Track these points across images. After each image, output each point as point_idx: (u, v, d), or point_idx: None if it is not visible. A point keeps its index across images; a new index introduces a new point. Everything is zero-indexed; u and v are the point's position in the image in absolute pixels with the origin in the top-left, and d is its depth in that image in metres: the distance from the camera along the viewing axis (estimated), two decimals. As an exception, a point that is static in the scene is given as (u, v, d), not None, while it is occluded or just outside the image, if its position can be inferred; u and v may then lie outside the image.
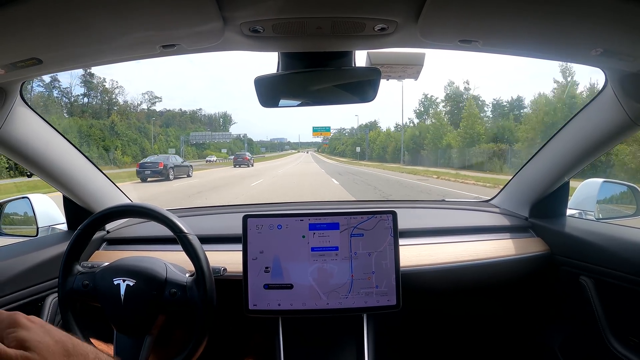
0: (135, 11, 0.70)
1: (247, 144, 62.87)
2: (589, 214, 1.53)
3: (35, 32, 0.74)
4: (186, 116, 58.06)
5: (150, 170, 17.15)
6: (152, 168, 17.28)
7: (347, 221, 1.22)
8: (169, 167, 17.62)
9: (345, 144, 65.24)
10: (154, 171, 17.10)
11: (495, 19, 0.77)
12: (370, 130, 48.70)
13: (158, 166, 17.30)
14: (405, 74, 1.14)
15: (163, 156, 21.41)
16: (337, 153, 70.14)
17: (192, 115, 59.72)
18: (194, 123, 58.77)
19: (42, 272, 1.26)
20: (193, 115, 60.06)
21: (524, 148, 20.67)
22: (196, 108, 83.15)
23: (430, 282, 1.37)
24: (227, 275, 1.13)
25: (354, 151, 49.87)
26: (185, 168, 19.61)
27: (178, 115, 56.30)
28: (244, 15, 0.76)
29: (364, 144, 48.08)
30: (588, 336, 1.33)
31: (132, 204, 1.38)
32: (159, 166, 17.29)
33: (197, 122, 60.19)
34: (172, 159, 19.30)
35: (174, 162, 18.74)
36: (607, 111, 1.13)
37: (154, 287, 0.99)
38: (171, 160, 18.79)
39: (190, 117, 58.92)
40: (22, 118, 1.12)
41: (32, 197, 1.51)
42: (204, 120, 64.07)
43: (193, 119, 59.32)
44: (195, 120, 59.90)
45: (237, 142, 59.87)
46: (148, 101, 46.25)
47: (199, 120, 61.74)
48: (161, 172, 17.08)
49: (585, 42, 0.83)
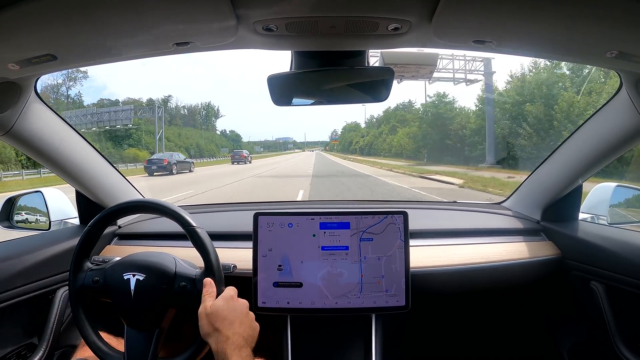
0: (149, 8, 0.71)
1: (233, 140, 56.23)
2: (601, 219, 1.50)
3: (50, 29, 0.75)
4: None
5: (156, 166, 19.98)
6: (158, 164, 20.17)
7: (357, 223, 1.22)
8: (172, 163, 20.54)
9: (372, 136, 48.18)
10: (160, 166, 19.93)
11: (510, 20, 0.76)
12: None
13: (163, 162, 20.27)
14: (418, 75, 1.15)
15: (167, 154, 24.59)
16: (360, 150, 52.00)
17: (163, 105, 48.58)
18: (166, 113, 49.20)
19: (54, 266, 1.28)
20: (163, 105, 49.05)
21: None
22: (165, 95, 65.76)
23: (439, 284, 1.36)
24: (236, 273, 1.13)
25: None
26: (187, 164, 22.79)
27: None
28: (258, 14, 0.76)
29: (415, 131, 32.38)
30: (597, 342, 1.31)
31: (142, 200, 1.39)
32: (164, 162, 20.26)
33: (168, 112, 51.17)
34: (175, 156, 22.99)
35: (177, 159, 22.11)
36: (622, 114, 1.12)
37: (163, 281, 1.00)
38: (174, 158, 22.13)
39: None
40: (36, 113, 1.13)
41: (45, 191, 1.52)
42: (175, 112, 54.49)
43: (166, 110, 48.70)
44: (167, 111, 50.65)
45: (221, 139, 53.12)
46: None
47: (171, 112, 53.15)
48: (165, 167, 19.91)
49: (600, 43, 0.82)
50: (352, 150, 57.70)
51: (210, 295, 0.94)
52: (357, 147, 55.99)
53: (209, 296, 0.94)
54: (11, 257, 1.19)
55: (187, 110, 59.23)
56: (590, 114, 1.24)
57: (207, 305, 0.92)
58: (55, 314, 1.27)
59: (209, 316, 0.90)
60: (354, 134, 62.35)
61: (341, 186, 13.24)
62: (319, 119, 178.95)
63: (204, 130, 55.12)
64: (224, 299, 0.94)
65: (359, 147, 53.91)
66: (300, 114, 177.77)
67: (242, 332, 0.89)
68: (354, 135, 61.79)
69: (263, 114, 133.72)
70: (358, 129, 62.31)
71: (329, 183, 14.42)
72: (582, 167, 1.32)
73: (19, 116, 1.07)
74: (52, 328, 1.25)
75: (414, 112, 38.59)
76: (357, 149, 55.23)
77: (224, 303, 0.93)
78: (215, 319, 0.89)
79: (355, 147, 56.70)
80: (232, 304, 0.93)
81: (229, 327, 0.88)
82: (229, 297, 0.94)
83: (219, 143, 53.46)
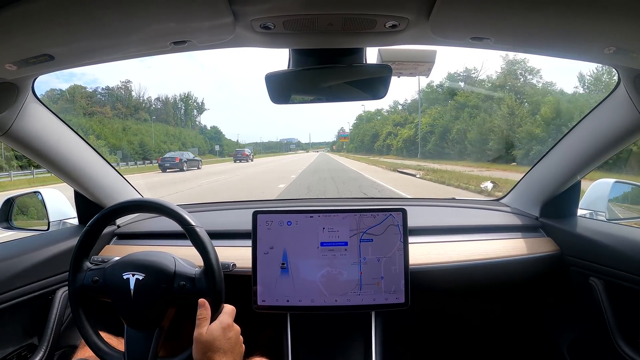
0: (146, 6, 0.71)
1: (212, 139, 48.11)
2: (600, 215, 1.51)
3: (46, 29, 0.74)
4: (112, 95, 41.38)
5: (169, 163, 23.08)
6: (171, 162, 23.33)
7: (357, 223, 1.22)
8: (183, 161, 23.63)
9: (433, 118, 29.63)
10: (172, 164, 23.04)
11: (508, 16, 0.76)
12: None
13: (175, 160, 23.50)
14: (416, 71, 1.14)
15: (179, 153, 27.57)
16: (404, 148, 32.98)
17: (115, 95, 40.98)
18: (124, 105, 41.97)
19: (53, 266, 1.27)
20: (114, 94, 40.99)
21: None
22: (124, 80, 52.85)
23: (439, 281, 1.36)
24: (236, 271, 1.13)
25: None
26: (196, 162, 25.91)
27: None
28: (255, 12, 0.76)
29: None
30: (596, 338, 1.32)
31: (141, 199, 1.39)
32: (176, 160, 23.47)
33: (128, 104, 42.76)
34: (186, 155, 25.99)
35: (187, 157, 25.12)
36: (620, 110, 1.12)
37: (163, 280, 1.00)
38: (185, 156, 25.04)
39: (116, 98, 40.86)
40: (34, 114, 1.13)
41: (43, 191, 1.52)
42: (137, 103, 44.79)
43: (120, 99, 41.17)
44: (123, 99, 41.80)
45: (197, 136, 44.99)
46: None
47: (135, 101, 44.00)
48: (177, 165, 23.05)
49: (598, 40, 0.82)
50: (380, 149, 38.24)
51: (205, 319, 0.93)
52: (392, 142, 35.83)
53: (204, 320, 0.93)
54: (10, 258, 1.19)
55: (162, 103, 50.88)
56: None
57: (202, 332, 0.91)
58: (55, 315, 1.27)
59: (204, 344, 0.90)
60: (377, 123, 42.92)
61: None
62: (324, 120, 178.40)
63: (172, 126, 47.84)
64: (221, 328, 0.93)
65: (399, 141, 34.57)
66: (304, 115, 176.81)
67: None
68: (379, 125, 42.02)
69: (265, 116, 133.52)
70: (375, 119, 44.10)
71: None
72: (581, 163, 1.33)
73: (17, 117, 1.07)
74: (52, 328, 1.25)
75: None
76: (390, 147, 35.97)
77: (221, 333, 0.92)
78: (210, 348, 0.90)
79: (387, 144, 36.78)
80: (228, 334, 0.94)
81: (222, 356, 0.90)
82: (226, 326, 0.94)
83: (188, 141, 46.28)
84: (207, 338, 0.91)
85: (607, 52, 0.85)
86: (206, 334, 0.91)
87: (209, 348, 0.90)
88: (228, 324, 0.95)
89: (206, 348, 0.90)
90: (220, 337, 0.92)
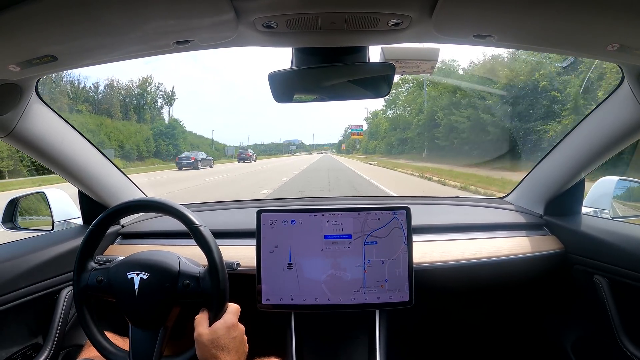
0: (149, 6, 0.71)
1: (166, 135, 36.32)
2: (604, 213, 1.50)
3: (49, 29, 0.74)
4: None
5: (185, 162, 25.83)
6: (187, 160, 26.08)
7: (362, 224, 1.22)
8: (198, 160, 26.38)
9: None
10: (188, 163, 25.76)
11: (511, 14, 0.76)
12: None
13: (191, 159, 26.21)
14: (419, 70, 1.13)
15: (194, 152, 30.10)
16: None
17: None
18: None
19: (58, 266, 1.28)
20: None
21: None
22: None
23: (443, 279, 1.36)
24: (240, 270, 1.13)
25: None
26: (208, 161, 28.72)
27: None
28: (258, 11, 0.76)
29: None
30: (601, 336, 1.31)
31: (145, 199, 1.39)
32: (191, 159, 26.20)
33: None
34: (200, 154, 28.77)
35: (201, 157, 27.93)
36: (624, 107, 1.11)
37: (167, 280, 1.00)
38: (199, 156, 27.86)
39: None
40: (37, 114, 1.13)
41: (48, 191, 1.53)
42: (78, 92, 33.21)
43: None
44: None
45: (145, 131, 34.84)
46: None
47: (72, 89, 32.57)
48: (192, 164, 25.66)
49: (601, 37, 0.82)
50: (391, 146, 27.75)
51: (203, 319, 0.95)
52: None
53: (202, 320, 0.95)
54: (15, 258, 1.20)
55: (108, 90, 38.08)
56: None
57: (202, 332, 0.92)
58: (60, 314, 1.28)
59: (206, 343, 0.91)
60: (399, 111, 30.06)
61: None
62: (328, 121, 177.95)
63: (115, 119, 34.80)
64: (226, 327, 0.94)
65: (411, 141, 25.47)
66: (309, 116, 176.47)
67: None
68: (394, 114, 30.00)
69: (271, 117, 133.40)
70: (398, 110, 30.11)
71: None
72: (585, 161, 1.32)
73: (21, 117, 1.07)
74: (57, 328, 1.26)
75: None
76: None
77: (226, 332, 0.93)
78: (215, 346, 0.90)
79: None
80: (232, 334, 0.94)
81: (226, 355, 0.90)
82: (230, 325, 0.94)
83: (127, 138, 33.70)
84: (210, 337, 0.91)
85: (611, 49, 0.84)
86: (209, 333, 0.91)
87: (214, 345, 0.90)
88: (232, 323, 0.95)
89: (210, 347, 0.90)
90: (225, 336, 0.92)
